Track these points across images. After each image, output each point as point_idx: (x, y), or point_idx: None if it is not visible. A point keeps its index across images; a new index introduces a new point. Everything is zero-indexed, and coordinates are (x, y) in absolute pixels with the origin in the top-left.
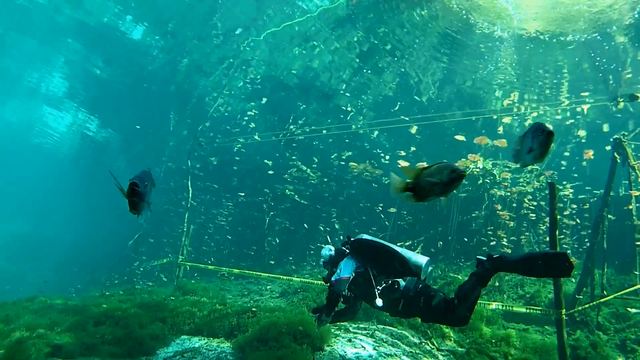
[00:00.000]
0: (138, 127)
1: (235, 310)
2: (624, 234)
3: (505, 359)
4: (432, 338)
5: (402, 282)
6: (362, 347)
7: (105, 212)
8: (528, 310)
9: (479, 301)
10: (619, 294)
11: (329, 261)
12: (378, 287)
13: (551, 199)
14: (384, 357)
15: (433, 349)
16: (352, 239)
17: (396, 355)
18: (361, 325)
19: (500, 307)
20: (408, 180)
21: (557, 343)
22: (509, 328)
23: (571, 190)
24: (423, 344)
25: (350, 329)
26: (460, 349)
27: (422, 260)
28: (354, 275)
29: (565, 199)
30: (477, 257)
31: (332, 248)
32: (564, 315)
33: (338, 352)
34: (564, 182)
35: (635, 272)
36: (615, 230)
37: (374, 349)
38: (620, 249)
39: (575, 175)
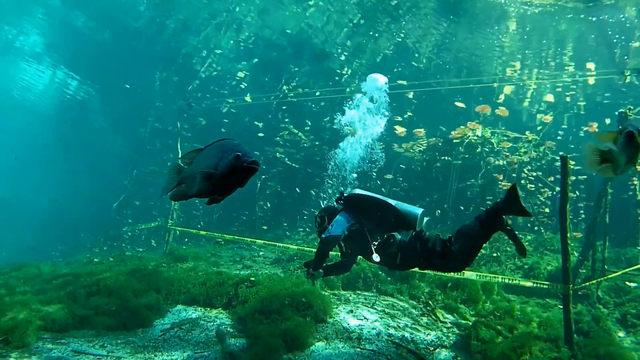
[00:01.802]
0: (128, 86)
1: (233, 280)
2: (620, 206)
3: (511, 333)
4: (435, 310)
5: (397, 236)
6: (365, 318)
7: (85, 174)
8: (536, 285)
9: (484, 274)
10: (629, 269)
11: (322, 218)
12: (374, 242)
13: (563, 173)
14: (387, 329)
15: (436, 320)
16: (345, 195)
17: (399, 327)
18: (361, 295)
19: (506, 281)
20: (603, 149)
21: (564, 318)
22: (510, 300)
23: (572, 163)
24: (426, 315)
25: (351, 299)
26: (463, 322)
27: (417, 211)
28: (346, 233)
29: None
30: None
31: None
32: (571, 291)
33: (341, 324)
34: (560, 152)
35: (638, 247)
36: (612, 202)
37: (377, 320)
38: (616, 221)
39: (572, 146)
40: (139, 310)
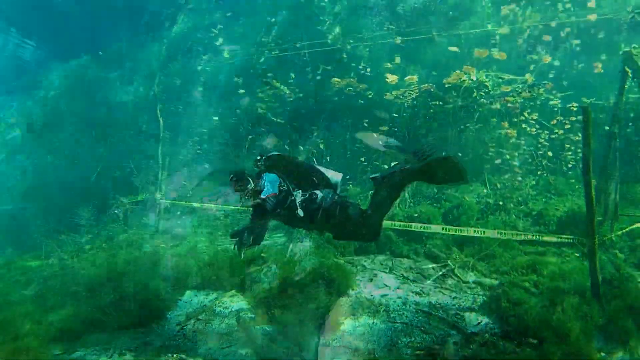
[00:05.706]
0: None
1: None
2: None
3: (536, 288)
4: (455, 269)
5: (319, 194)
6: (386, 285)
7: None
8: (560, 239)
9: (505, 232)
10: None
11: (245, 180)
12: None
13: (585, 124)
14: (412, 296)
15: (458, 281)
16: (266, 156)
17: (423, 292)
18: (376, 260)
19: (530, 238)
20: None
21: (590, 271)
22: (526, 252)
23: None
24: (446, 276)
25: (367, 265)
26: (486, 280)
27: (337, 177)
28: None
29: (556, 109)
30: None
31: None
32: (596, 244)
33: (364, 296)
34: (554, 91)
35: None
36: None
37: (398, 287)
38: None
39: (565, 83)
40: (149, 304)
